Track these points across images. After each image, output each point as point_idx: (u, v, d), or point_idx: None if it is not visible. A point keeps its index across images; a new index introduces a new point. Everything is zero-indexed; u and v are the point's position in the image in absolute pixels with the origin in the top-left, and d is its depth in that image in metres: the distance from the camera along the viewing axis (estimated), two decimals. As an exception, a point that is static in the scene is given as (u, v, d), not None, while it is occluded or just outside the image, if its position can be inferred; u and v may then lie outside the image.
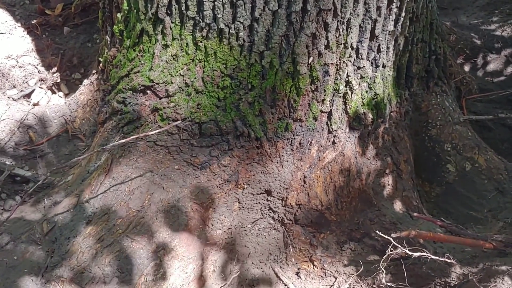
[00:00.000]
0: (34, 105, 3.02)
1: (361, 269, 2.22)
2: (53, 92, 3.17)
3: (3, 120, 2.84)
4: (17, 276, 2.15)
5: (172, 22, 2.24)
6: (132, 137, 2.24)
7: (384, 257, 2.06)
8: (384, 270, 2.07)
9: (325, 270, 2.31)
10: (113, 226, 2.20)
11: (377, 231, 2.12)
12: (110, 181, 2.30)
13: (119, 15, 2.47)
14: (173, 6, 2.21)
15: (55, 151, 2.81)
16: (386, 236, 2.05)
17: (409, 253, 1.99)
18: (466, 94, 3.16)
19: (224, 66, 2.23)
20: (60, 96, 3.16)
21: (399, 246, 2.01)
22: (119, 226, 2.20)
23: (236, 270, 2.34)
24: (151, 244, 2.19)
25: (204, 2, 2.15)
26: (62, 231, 2.25)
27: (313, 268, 2.33)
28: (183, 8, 2.19)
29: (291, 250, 2.36)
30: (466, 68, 3.49)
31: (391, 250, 2.06)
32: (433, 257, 1.97)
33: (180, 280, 2.21)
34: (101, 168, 2.37)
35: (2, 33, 3.23)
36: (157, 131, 2.23)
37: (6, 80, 3.09)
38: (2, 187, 2.63)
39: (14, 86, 3.12)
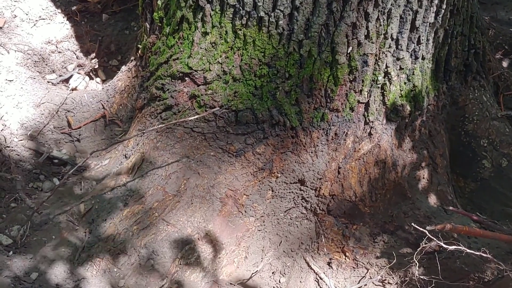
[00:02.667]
0: (73, 90, 3.08)
1: (394, 261, 2.21)
2: (91, 78, 3.22)
3: (43, 103, 2.90)
4: (55, 254, 2.20)
5: (212, 10, 2.26)
6: (170, 123, 2.27)
7: (418, 249, 2.05)
8: (417, 263, 2.06)
9: (357, 261, 2.31)
10: (150, 209, 2.24)
11: (412, 224, 2.11)
12: (147, 165, 2.34)
13: (159, 2, 2.50)
14: (214, -6, 2.23)
15: (92, 135, 2.86)
16: (421, 229, 2.04)
17: (444, 246, 1.97)
18: (504, 90, 3.11)
19: (262, 54, 2.24)
20: (98, 82, 3.22)
21: (434, 239, 1.99)
22: (155, 209, 2.24)
23: (268, 257, 2.36)
24: (185, 228, 2.22)
25: (245, -10, 2.16)
26: (99, 212, 2.29)
27: (345, 259, 2.33)
28: (224, -5, 2.21)
29: (323, 240, 2.36)
30: (505, 63, 3.43)
31: (425, 243, 2.05)
32: (468, 251, 1.95)
33: (214, 264, 2.24)
34: (139, 152, 2.40)
35: (43, 19, 3.30)
36: (195, 117, 2.26)
37: (46, 64, 3.15)
38: (40, 169, 2.69)
39: (53, 71, 3.18)
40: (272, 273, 2.35)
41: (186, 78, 2.36)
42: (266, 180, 2.33)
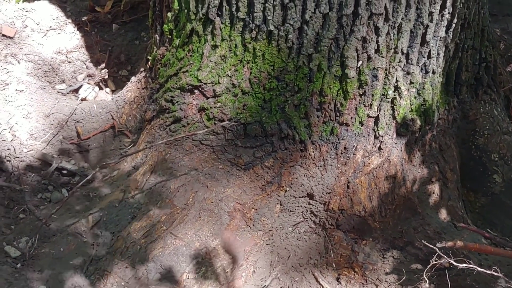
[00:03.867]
0: (82, 100, 3.09)
1: (404, 277, 2.19)
2: (100, 88, 3.23)
3: (52, 114, 2.91)
4: (63, 267, 2.20)
5: (222, 23, 2.26)
6: (180, 136, 2.27)
7: (428, 266, 2.03)
8: (427, 280, 2.04)
9: (366, 277, 2.29)
10: (158, 222, 2.23)
11: (422, 240, 2.09)
12: (155, 178, 2.34)
13: (169, 14, 2.50)
14: (224, 7, 2.23)
15: (101, 146, 2.86)
16: (431, 246, 2.02)
17: (455, 264, 1.95)
18: (515, 104, 3.08)
19: (272, 68, 2.24)
20: (107, 92, 3.23)
21: (444, 256, 1.97)
22: (163, 222, 2.23)
23: (276, 272, 2.34)
24: (193, 242, 2.21)
25: (255, 4, 2.16)
26: (107, 225, 2.29)
27: (354, 274, 2.31)
28: (233, 9, 2.21)
29: (332, 255, 2.34)
30: (516, 76, 3.41)
31: (435, 260, 2.03)
32: (479, 269, 1.92)
33: (221, 279, 2.22)
34: (147, 164, 2.40)
35: (54, 29, 3.32)
36: (205, 130, 2.25)
37: (56, 75, 3.17)
38: (49, 180, 2.70)
39: (63, 81, 3.19)
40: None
41: (195, 91, 2.36)
42: (274, 194, 2.32)
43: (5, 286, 2.05)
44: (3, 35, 3.12)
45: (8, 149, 2.69)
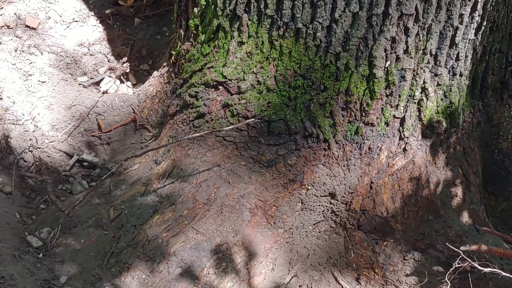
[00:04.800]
0: (103, 93, 3.10)
1: (425, 280, 2.18)
2: (122, 82, 3.24)
3: (74, 106, 2.92)
4: (84, 258, 2.21)
5: (249, 20, 2.25)
6: (205, 132, 2.27)
7: (451, 269, 2.02)
8: (449, 283, 2.03)
9: (386, 278, 2.28)
10: (179, 216, 2.23)
11: (446, 243, 2.08)
12: (178, 172, 2.34)
13: (195, 9, 2.50)
14: (252, 4, 2.22)
15: (122, 139, 2.87)
16: (455, 249, 2.00)
17: (479, 268, 1.93)
18: (539, 109, 3.06)
19: (298, 65, 2.23)
20: (128, 86, 3.23)
21: (469, 260, 1.96)
22: (185, 217, 2.23)
23: (295, 270, 2.34)
24: (215, 238, 2.21)
25: (284, 1, 2.15)
26: (129, 218, 2.30)
27: (374, 275, 2.30)
28: (262, 6, 2.20)
29: (352, 255, 2.34)
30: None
31: (458, 263, 2.02)
32: (504, 274, 1.91)
33: (241, 275, 2.22)
34: (170, 159, 2.40)
35: (76, 21, 3.33)
36: (230, 127, 2.25)
37: (78, 67, 3.18)
38: (70, 171, 2.71)
39: (84, 73, 3.20)
40: (299, 286, 2.32)
41: (220, 87, 2.35)
42: (296, 192, 2.32)
43: (27, 276, 2.06)
44: (27, 26, 3.14)
45: (30, 139, 2.70)
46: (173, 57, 2.74)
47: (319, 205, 2.34)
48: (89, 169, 2.74)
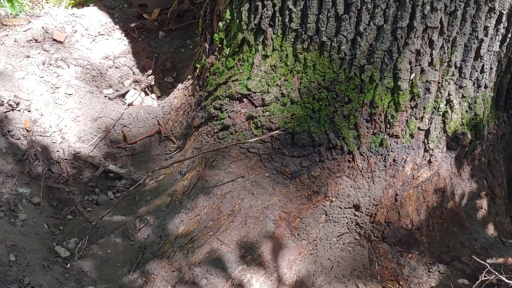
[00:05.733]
0: (129, 105, 3.15)
1: (451, 293, 2.17)
2: (146, 94, 3.29)
3: (100, 118, 2.97)
4: (110, 269, 2.24)
5: (274, 33, 2.28)
6: (231, 143, 2.29)
7: (477, 282, 2.01)
8: (475, 296, 2.02)
9: (411, 290, 2.28)
10: (204, 227, 2.25)
11: (472, 256, 2.07)
12: (202, 184, 2.36)
13: (220, 24, 2.54)
14: (277, 18, 2.25)
15: (147, 150, 2.91)
16: (481, 261, 1.99)
17: (506, 281, 1.92)
18: None
19: (322, 78, 2.25)
20: (153, 98, 3.28)
21: (495, 272, 1.95)
22: (210, 228, 2.25)
23: (319, 282, 2.34)
24: (239, 249, 2.22)
25: (308, 15, 2.17)
26: (154, 229, 2.32)
27: (399, 287, 2.29)
28: (286, 20, 2.23)
29: (377, 267, 2.33)
30: None
31: (485, 276, 2.00)
32: (532, 287, 1.90)
33: (265, 287, 2.23)
34: (195, 170, 2.43)
35: (102, 35, 3.39)
36: (254, 139, 2.27)
37: (104, 79, 3.24)
38: (96, 182, 2.75)
39: (110, 85, 3.26)
40: (324, 298, 2.33)
41: (244, 99, 2.38)
42: (320, 204, 2.32)
43: (56, 285, 2.10)
44: (54, 40, 3.21)
45: (57, 151, 2.75)
46: (197, 70, 2.78)
47: (343, 217, 2.34)
48: (115, 180, 2.78)
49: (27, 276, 2.04)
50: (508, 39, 2.31)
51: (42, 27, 3.22)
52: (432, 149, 2.30)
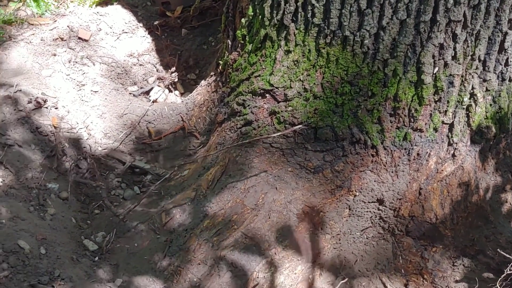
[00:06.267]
0: (153, 102, 3.19)
1: (476, 286, 2.16)
2: (170, 91, 3.33)
3: (125, 114, 3.03)
4: (137, 262, 2.29)
5: (296, 29, 2.30)
6: (255, 138, 2.32)
7: (502, 276, 2.01)
8: (500, 290, 2.02)
9: (436, 284, 2.28)
10: (229, 221, 2.28)
11: (497, 250, 2.06)
12: (226, 178, 2.40)
13: (243, 20, 2.56)
14: (299, 13, 2.27)
15: (171, 146, 2.95)
16: (506, 255, 1.99)
17: (532, 274, 1.92)
18: None
19: (345, 72, 2.26)
20: (176, 95, 3.32)
21: (521, 266, 1.95)
22: (234, 221, 2.28)
23: (343, 276, 2.35)
24: (263, 242, 2.25)
25: (331, 10, 2.18)
26: (180, 222, 2.36)
27: (423, 281, 2.30)
28: (309, 15, 2.24)
29: (401, 261, 2.34)
30: None
31: (510, 270, 2.00)
32: (558, 281, 1.89)
33: (289, 280, 2.25)
34: (219, 165, 2.46)
35: (126, 33, 3.44)
36: (277, 134, 2.29)
37: (128, 77, 3.29)
38: (122, 178, 2.80)
39: (134, 83, 3.31)
40: (347, 291, 2.35)
41: (267, 95, 2.40)
42: (343, 198, 2.34)
43: (85, 278, 2.15)
44: (79, 38, 3.27)
45: (84, 147, 2.81)
46: (220, 67, 2.81)
47: (367, 211, 2.35)
48: (141, 175, 2.83)
49: (57, 268, 2.09)
50: (533, 32, 2.29)
51: (68, 26, 3.29)
52: (456, 143, 2.29)
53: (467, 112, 2.28)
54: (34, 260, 2.07)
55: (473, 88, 2.24)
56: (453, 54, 2.16)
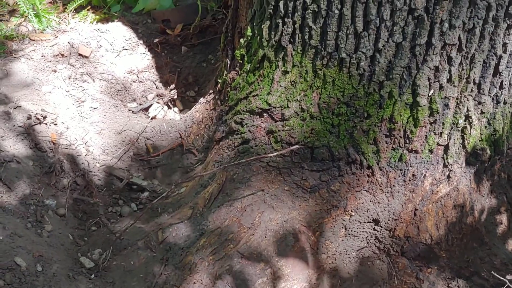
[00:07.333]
0: (152, 118, 3.22)
1: (470, 308, 2.17)
2: (169, 108, 3.35)
3: (124, 131, 3.04)
4: (133, 280, 2.29)
5: (294, 50, 2.33)
6: (252, 158, 2.33)
7: (497, 298, 2.01)
8: (495, 312, 2.02)
9: (431, 305, 2.28)
10: (225, 240, 2.29)
11: (491, 271, 2.07)
12: (223, 197, 2.41)
13: (242, 40, 2.59)
14: (297, 35, 2.30)
15: (169, 163, 2.97)
16: (500, 277, 2.00)
17: (526, 297, 1.93)
18: None
19: (341, 93, 2.28)
20: (175, 112, 3.34)
21: (515, 289, 1.96)
22: (230, 241, 2.29)
23: (338, 295, 2.36)
24: (259, 262, 2.26)
25: (328, 32, 2.21)
26: (176, 240, 2.37)
27: (418, 302, 2.30)
28: (306, 37, 2.27)
29: (396, 282, 2.34)
30: None
31: (504, 292, 2.01)
32: (552, 304, 1.90)
33: (285, 300, 2.26)
34: (216, 183, 2.48)
35: (126, 49, 3.47)
36: (274, 154, 2.31)
37: (127, 93, 3.31)
38: (120, 194, 2.81)
39: (134, 99, 3.33)
40: (343, 312, 2.35)
41: (265, 114, 2.42)
42: (339, 218, 2.35)
43: (81, 296, 2.16)
44: (80, 55, 3.30)
45: (82, 163, 2.83)
46: (219, 85, 2.83)
47: (362, 231, 2.36)
48: (138, 192, 2.84)
49: (53, 286, 2.10)
50: (527, 55, 2.32)
51: (68, 42, 3.32)
52: (451, 164, 2.31)
53: (462, 134, 2.30)
54: (31, 278, 2.08)
55: (468, 110, 2.27)
56: (448, 77, 2.18)
